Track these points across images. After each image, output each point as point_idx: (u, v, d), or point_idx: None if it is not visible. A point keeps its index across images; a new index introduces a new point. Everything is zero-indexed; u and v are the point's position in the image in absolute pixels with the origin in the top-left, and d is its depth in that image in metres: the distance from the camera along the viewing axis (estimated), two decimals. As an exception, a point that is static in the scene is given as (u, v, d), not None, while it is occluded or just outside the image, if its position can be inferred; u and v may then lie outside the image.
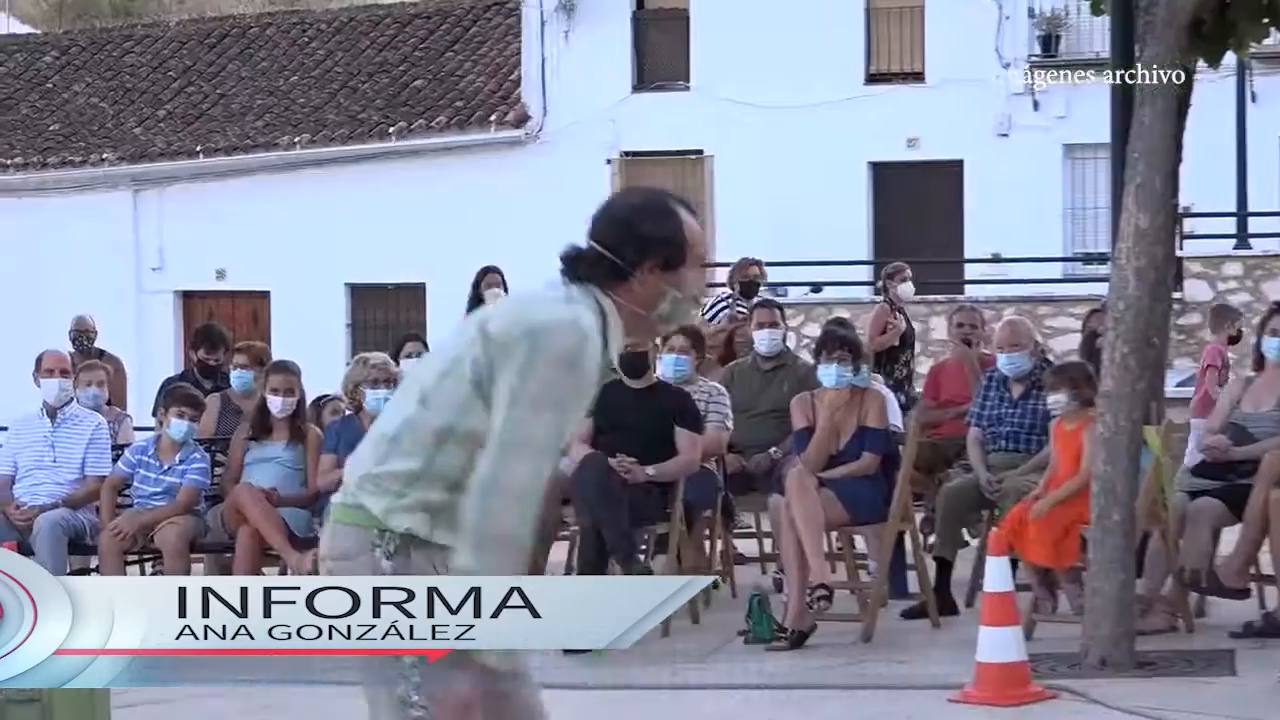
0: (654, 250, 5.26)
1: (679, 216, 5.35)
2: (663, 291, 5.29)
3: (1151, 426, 11.75)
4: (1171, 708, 9.98)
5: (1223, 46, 12.04)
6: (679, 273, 5.30)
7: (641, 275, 5.26)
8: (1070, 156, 35.17)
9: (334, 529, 5.24)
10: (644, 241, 5.27)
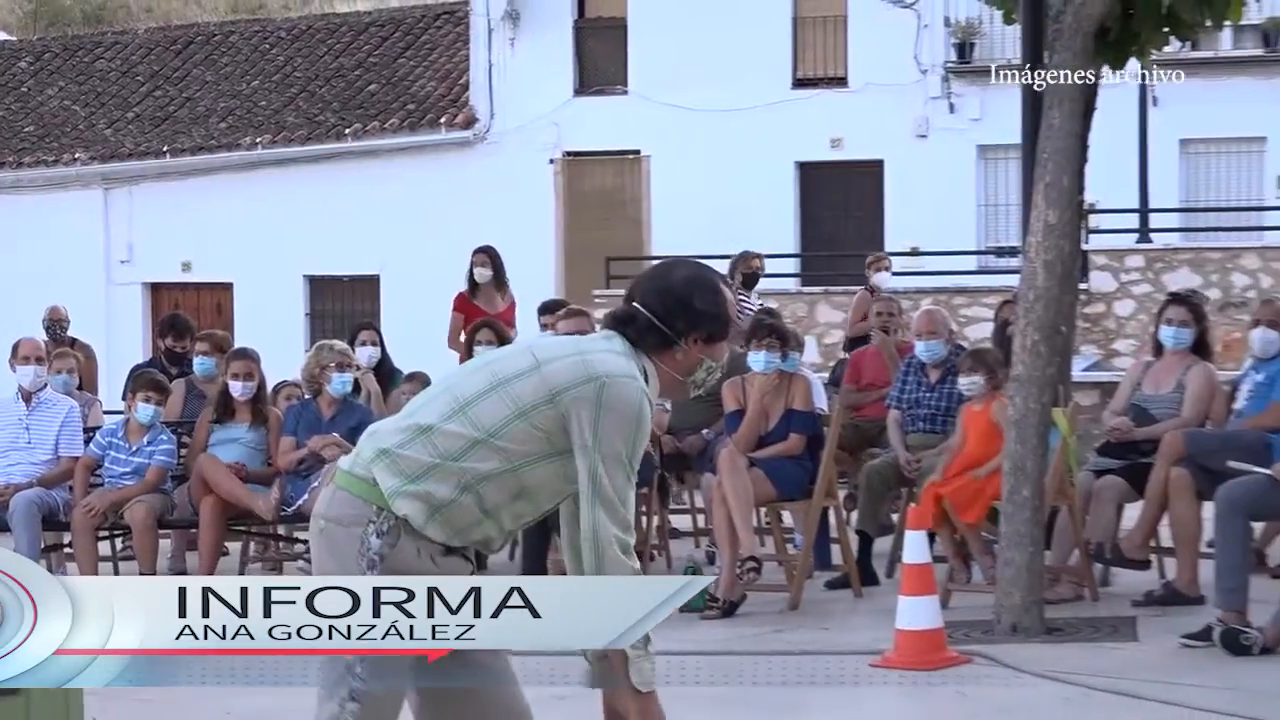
0: (703, 325, 5.46)
1: (725, 295, 5.57)
2: (700, 361, 5.52)
3: (1059, 409, 11.80)
4: (1078, 671, 10.01)
5: (1126, 53, 12.09)
6: (717, 346, 5.54)
7: (686, 345, 5.46)
8: (984, 156, 35.25)
9: (336, 493, 5.26)
10: (696, 317, 5.46)
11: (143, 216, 37.56)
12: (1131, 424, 12.49)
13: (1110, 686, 9.64)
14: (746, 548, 12.30)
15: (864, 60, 35.97)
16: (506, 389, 5.26)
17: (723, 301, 5.53)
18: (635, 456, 5.37)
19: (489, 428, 5.22)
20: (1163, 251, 29.57)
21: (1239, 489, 10.82)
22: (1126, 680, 9.74)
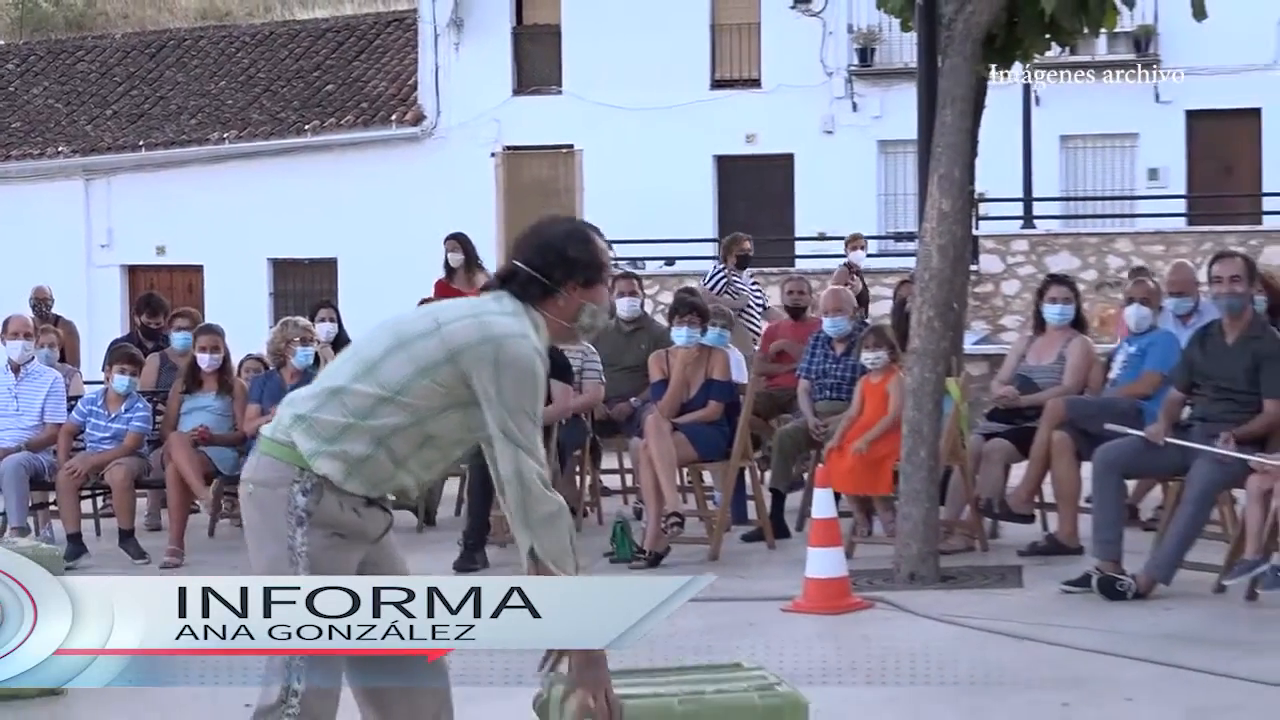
0: (579, 272, 5.38)
1: (597, 243, 5.50)
2: (582, 306, 5.41)
3: (952, 378, 11.83)
4: (969, 615, 10.03)
5: (1011, 57, 12.11)
6: (595, 289, 5.45)
7: (566, 293, 5.38)
8: (884, 151, 35.31)
9: (261, 458, 5.19)
10: (571, 265, 5.38)
11: (120, 205, 37.46)
12: (1017, 392, 12.53)
13: (998, 628, 9.67)
14: (670, 504, 12.33)
15: (775, 63, 36.06)
16: (409, 349, 5.21)
17: (595, 249, 5.48)
18: (536, 406, 5.27)
19: (394, 386, 5.16)
20: (1045, 236, 29.69)
21: (1114, 450, 10.86)
22: (1013, 623, 9.77)
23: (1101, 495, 10.72)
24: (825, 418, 12.94)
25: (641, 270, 25.80)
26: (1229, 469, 10.37)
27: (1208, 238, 26.91)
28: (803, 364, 13.56)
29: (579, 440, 13.45)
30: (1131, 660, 8.78)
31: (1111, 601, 10.18)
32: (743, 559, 12.39)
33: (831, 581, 10.44)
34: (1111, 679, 8.42)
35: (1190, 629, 9.52)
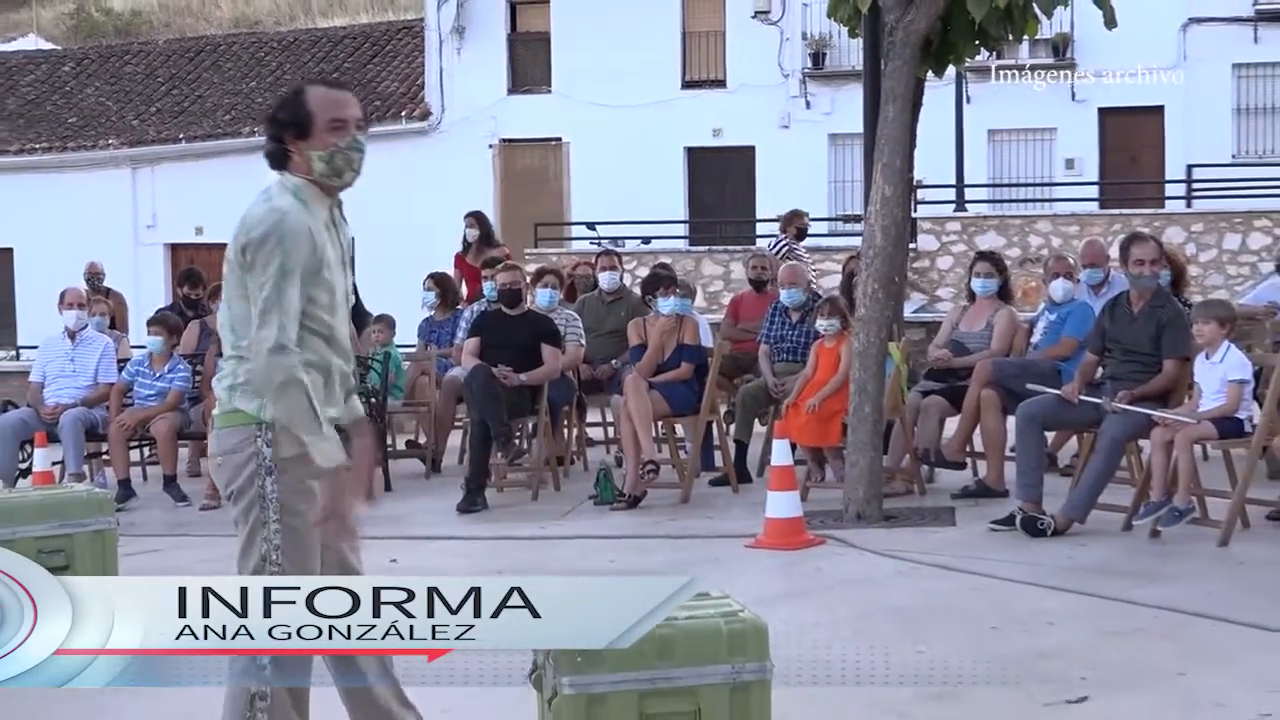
0: (289, 126, 5.09)
1: (303, 94, 5.15)
2: (309, 156, 5.08)
3: (894, 343, 11.83)
4: (909, 549, 10.04)
5: (945, 61, 12.07)
6: (315, 138, 5.07)
7: (295, 151, 5.09)
8: (834, 143, 35.26)
9: (219, 433, 5.03)
10: (281, 124, 5.11)
11: (163, 190, 37.43)
12: (950, 355, 12.54)
13: (934, 561, 9.67)
14: (647, 453, 12.31)
15: (738, 66, 36.07)
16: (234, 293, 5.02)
17: (300, 100, 5.13)
18: (275, 263, 4.90)
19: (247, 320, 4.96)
20: (974, 219, 29.69)
21: (1035, 406, 10.87)
22: (947, 556, 9.77)
23: (1024, 445, 10.73)
24: (783, 378, 12.95)
25: (621, 248, 25.81)
26: (1135, 421, 10.39)
27: (1117, 219, 26.93)
28: (763, 330, 13.57)
29: (567, 397, 13.44)
30: (1051, 589, 8.79)
31: (1033, 538, 10.18)
32: (710, 501, 12.39)
33: (788, 521, 10.44)
34: (1034, 606, 8.43)
35: (1102, 562, 9.54)
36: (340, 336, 5.12)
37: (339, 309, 5.12)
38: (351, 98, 5.20)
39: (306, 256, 4.96)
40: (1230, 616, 7.99)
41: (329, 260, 5.08)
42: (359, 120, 5.17)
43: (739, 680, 5.11)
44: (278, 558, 4.87)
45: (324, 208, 5.15)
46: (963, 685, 6.90)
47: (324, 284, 5.03)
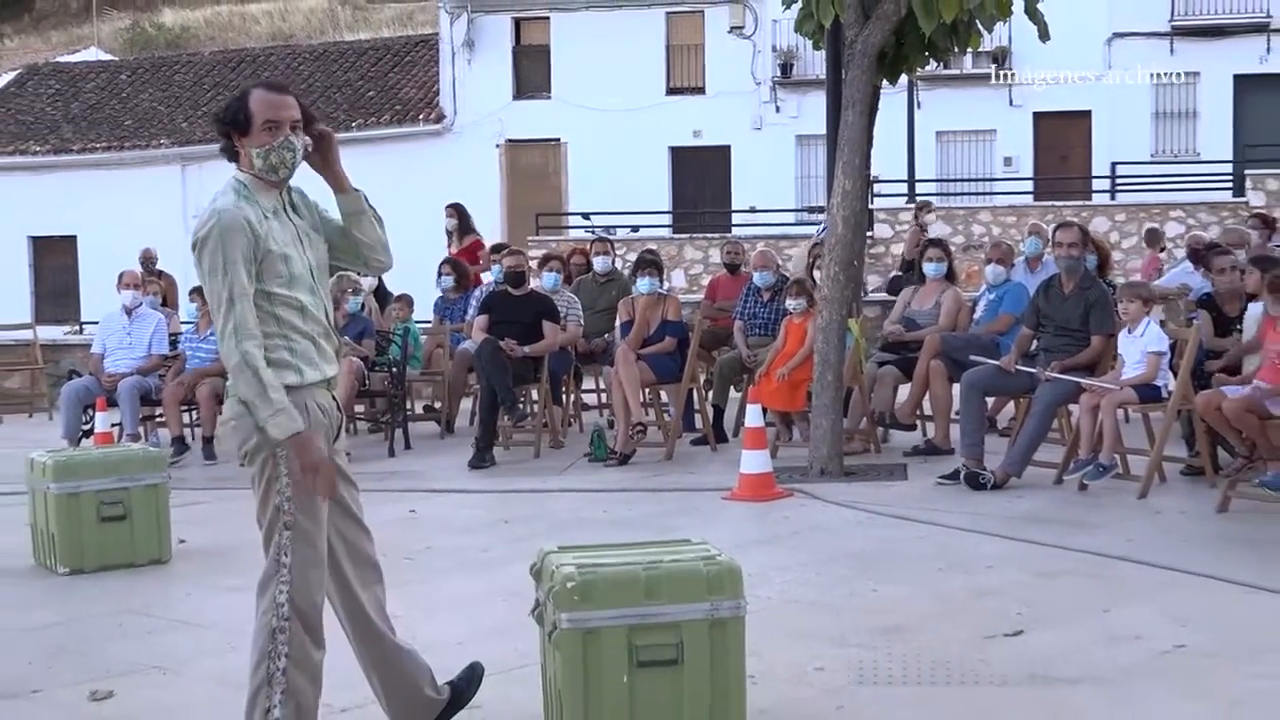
0: (230, 128, 5.01)
1: (246, 96, 5.03)
2: (249, 153, 4.97)
3: (853, 319, 11.82)
4: (866, 501, 10.04)
5: (899, 71, 12.05)
6: (253, 135, 4.95)
7: (241, 149, 5.00)
8: (801, 143, 35.27)
9: (232, 400, 4.94)
10: (222, 125, 5.04)
11: (209, 184, 37.12)
12: (903, 330, 12.54)
13: (888, 511, 9.67)
14: (636, 416, 12.33)
15: (716, 75, 36.12)
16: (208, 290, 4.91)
17: (243, 101, 5.01)
18: (221, 260, 4.79)
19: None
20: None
21: (977, 374, 10.87)
22: (899, 507, 9.78)
23: (967, 409, 10.74)
24: (755, 350, 12.93)
25: (613, 236, 25.82)
26: (1066, 388, 10.41)
27: (1049, 210, 26.91)
28: (737, 308, 13.56)
29: (565, 367, 13.44)
30: (991, 536, 8.80)
31: (975, 491, 10.19)
32: (691, 458, 12.39)
33: (759, 476, 10.44)
34: (975, 551, 8.44)
35: (1036, 512, 9.54)
36: (311, 305, 5.00)
37: (300, 281, 4.98)
38: (290, 100, 5.05)
39: (246, 245, 4.83)
40: (1149, 560, 8.01)
41: (279, 241, 4.93)
42: (294, 121, 5.02)
43: (717, 616, 5.11)
44: (289, 507, 4.85)
45: (271, 198, 5.02)
46: (913, 620, 6.91)
47: (275, 264, 4.89)
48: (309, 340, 4.98)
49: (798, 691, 5.83)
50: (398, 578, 8.12)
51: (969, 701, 5.65)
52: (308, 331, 4.98)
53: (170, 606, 7.75)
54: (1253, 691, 5.69)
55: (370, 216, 5.40)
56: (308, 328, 4.98)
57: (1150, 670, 6.03)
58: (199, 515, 10.29)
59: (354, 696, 5.73)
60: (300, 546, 4.89)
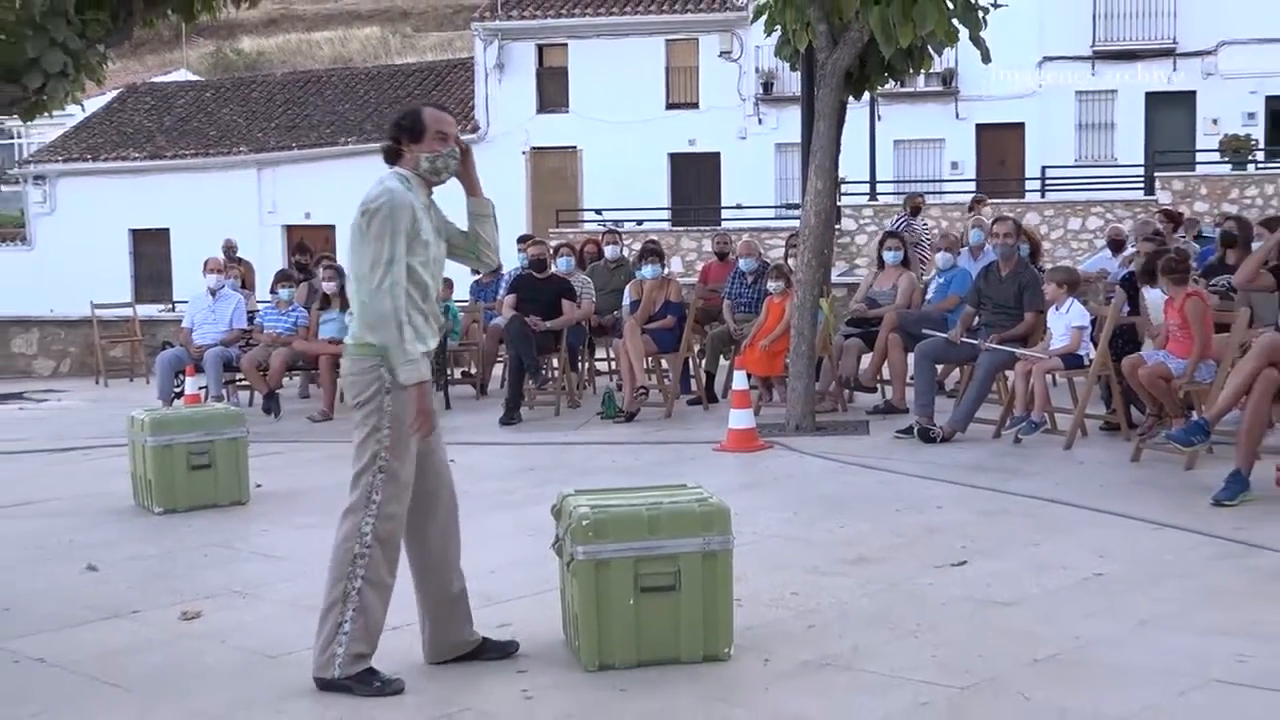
0: (403, 133, 5.08)
1: (420, 112, 5.12)
2: (416, 157, 5.06)
3: (824, 298, 11.80)
4: (835, 452, 10.04)
5: (863, 88, 12.02)
6: (423, 143, 5.05)
7: (407, 151, 5.07)
8: (779, 150, 35.26)
9: (351, 358, 5.00)
10: (397, 129, 5.10)
11: (281, 185, 37.60)
12: (866, 308, 12.53)
13: (853, 461, 9.67)
14: (640, 381, 12.33)
15: (708, 92, 36.17)
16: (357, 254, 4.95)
17: (415, 115, 5.10)
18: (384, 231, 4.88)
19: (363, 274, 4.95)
20: (883, 206, 29.62)
21: (929, 345, 10.86)
22: (863, 458, 9.78)
23: (920, 375, 10.73)
24: (741, 325, 12.91)
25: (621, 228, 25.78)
26: (1003, 357, 10.40)
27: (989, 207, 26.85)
28: (726, 289, 13.53)
29: (581, 339, 13.45)
30: (940, 481, 8.80)
31: (926, 444, 10.19)
32: (686, 416, 12.39)
33: (744, 431, 10.44)
34: (927, 494, 8.44)
35: (978, 461, 9.54)
36: (432, 288, 5.07)
37: (432, 266, 5.04)
38: (453, 121, 5.20)
39: (409, 224, 4.92)
40: (1073, 501, 8.01)
41: (426, 231, 5.01)
42: (456, 137, 5.15)
43: (709, 549, 5.11)
44: (385, 454, 4.91)
45: (424, 194, 5.10)
46: (874, 552, 6.91)
47: (422, 248, 4.97)
48: (424, 317, 5.01)
49: (777, 613, 5.83)
50: (440, 516, 8.16)
51: (920, 619, 5.65)
52: (424, 309, 5.01)
53: (249, 540, 7.76)
54: (1158, 612, 5.69)
55: (493, 220, 5.42)
56: (425, 306, 5.02)
57: (1073, 594, 6.03)
58: (273, 464, 10.29)
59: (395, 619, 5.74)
60: (389, 487, 4.92)
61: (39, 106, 13.69)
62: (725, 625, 5.18)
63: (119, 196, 37.93)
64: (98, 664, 5.42)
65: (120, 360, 18.75)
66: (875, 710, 4.59)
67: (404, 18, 66.70)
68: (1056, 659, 5.09)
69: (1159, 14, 34.16)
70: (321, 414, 12.84)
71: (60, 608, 6.30)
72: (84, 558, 7.30)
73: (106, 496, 9.22)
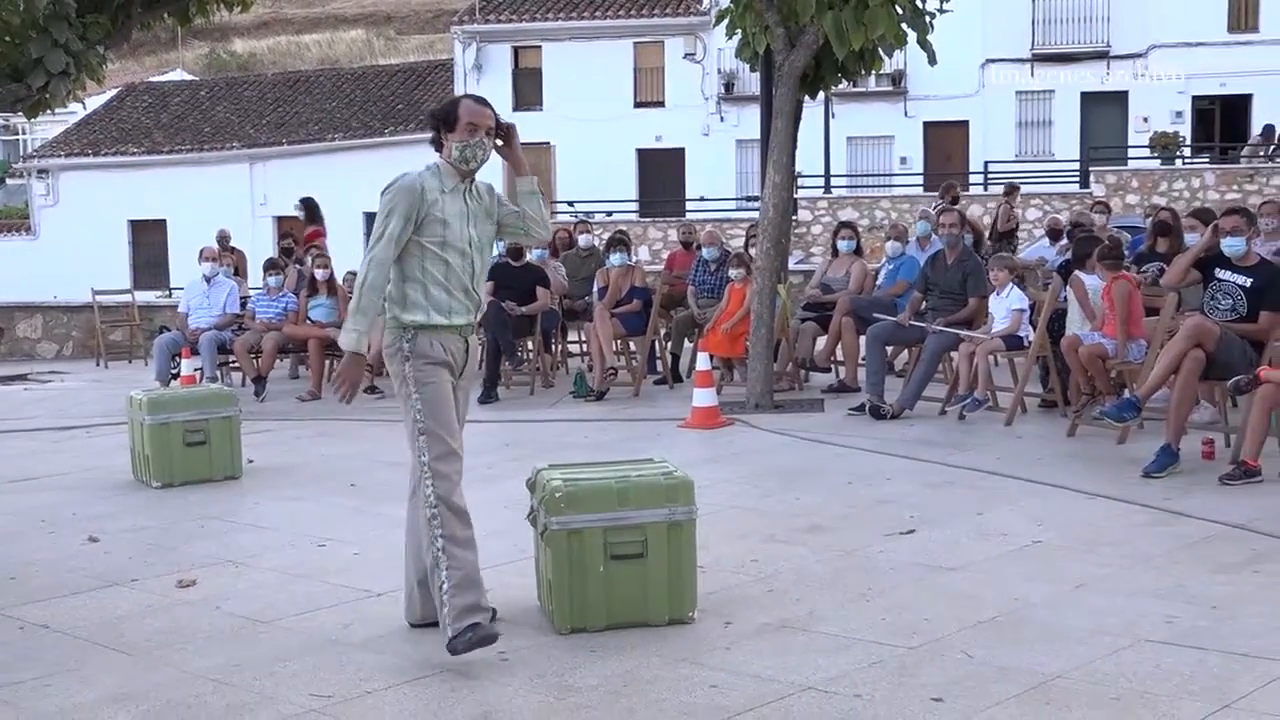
0: (440, 123, 5.05)
1: (456, 103, 5.08)
2: (450, 146, 5.02)
3: (782, 285, 11.79)
4: (792, 428, 10.05)
5: (817, 88, 11.99)
6: (455, 131, 5.00)
7: (445, 140, 5.04)
8: (740, 146, 35.22)
9: (385, 334, 5.02)
10: (435, 120, 5.07)
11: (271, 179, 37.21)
12: (821, 294, 12.54)
13: (808, 436, 9.69)
14: (609, 362, 12.31)
15: (674, 91, 36.03)
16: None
17: (450, 107, 5.05)
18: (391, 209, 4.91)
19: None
20: (837, 199, 29.72)
21: (879, 328, 10.87)
22: (817, 432, 9.80)
23: (871, 356, 10.74)
24: (704, 309, 12.90)
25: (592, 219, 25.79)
26: (949, 339, 10.42)
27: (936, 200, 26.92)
28: (690, 276, 13.51)
29: (554, 323, 13.38)
30: (889, 455, 8.82)
31: (877, 420, 10.21)
32: (653, 395, 12.38)
33: (707, 409, 10.43)
34: (877, 466, 8.46)
35: (925, 436, 9.57)
36: (459, 266, 4.97)
37: (452, 245, 4.96)
38: (488, 112, 5.06)
39: (410, 204, 4.90)
40: (1013, 474, 8.04)
41: (446, 212, 4.96)
42: (490, 129, 5.05)
43: (674, 519, 5.11)
44: (421, 417, 4.87)
45: (454, 180, 5.03)
46: (828, 521, 6.92)
47: (433, 226, 4.93)
48: (445, 292, 4.95)
49: (737, 578, 5.83)
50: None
51: (871, 584, 5.67)
52: (446, 284, 4.95)
53: (242, 513, 7.72)
54: (1092, 575, 5.72)
55: (539, 197, 5.36)
56: (447, 281, 4.95)
57: (1013, 559, 6.05)
58: (264, 441, 10.24)
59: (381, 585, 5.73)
60: (434, 445, 4.88)
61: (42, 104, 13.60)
62: (690, 590, 5.18)
63: (118, 189, 37.67)
64: (99, 629, 5.39)
65: (120, 343, 18.65)
66: (829, 669, 4.60)
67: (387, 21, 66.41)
68: (997, 620, 5.11)
69: (1094, 19, 34.29)
70: (310, 394, 12.79)
71: (63, 577, 6.26)
72: (86, 530, 7.26)
73: (107, 472, 9.16)
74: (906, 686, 4.40)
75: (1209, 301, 8.50)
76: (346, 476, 8.66)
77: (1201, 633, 4.87)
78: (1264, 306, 8.30)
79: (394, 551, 5.21)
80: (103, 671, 4.86)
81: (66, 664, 4.96)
